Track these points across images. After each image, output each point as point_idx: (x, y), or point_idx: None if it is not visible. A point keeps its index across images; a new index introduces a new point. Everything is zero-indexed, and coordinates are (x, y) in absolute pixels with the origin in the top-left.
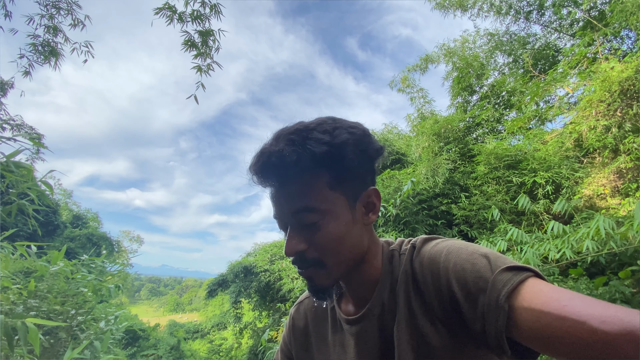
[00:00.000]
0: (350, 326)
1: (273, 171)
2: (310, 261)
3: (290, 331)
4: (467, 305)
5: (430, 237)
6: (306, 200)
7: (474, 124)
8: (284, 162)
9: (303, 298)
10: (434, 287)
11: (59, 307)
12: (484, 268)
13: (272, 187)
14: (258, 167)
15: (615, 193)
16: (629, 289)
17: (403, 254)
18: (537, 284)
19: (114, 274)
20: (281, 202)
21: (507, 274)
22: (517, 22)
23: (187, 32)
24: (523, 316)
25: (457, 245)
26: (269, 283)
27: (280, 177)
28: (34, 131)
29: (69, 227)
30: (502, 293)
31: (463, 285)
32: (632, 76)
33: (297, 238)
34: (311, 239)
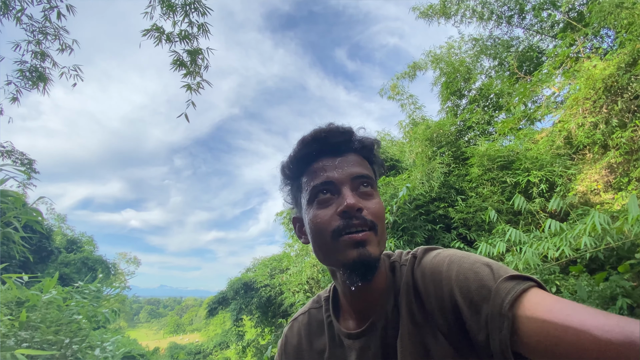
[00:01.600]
0: (352, 341)
1: (335, 139)
2: (369, 223)
3: (282, 350)
4: (470, 314)
5: (430, 247)
6: (365, 170)
7: (465, 127)
8: (346, 134)
9: (297, 315)
10: (436, 297)
11: (53, 336)
12: (486, 277)
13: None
14: (328, 131)
15: (608, 188)
16: (629, 283)
17: (404, 265)
18: (539, 294)
19: (111, 298)
20: (341, 166)
21: (510, 282)
22: (499, 26)
23: (175, 52)
24: (526, 325)
25: (458, 254)
26: (270, 298)
27: (341, 145)
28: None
29: (63, 252)
30: (506, 301)
31: (466, 294)
32: (614, 73)
33: (356, 197)
34: (365, 203)
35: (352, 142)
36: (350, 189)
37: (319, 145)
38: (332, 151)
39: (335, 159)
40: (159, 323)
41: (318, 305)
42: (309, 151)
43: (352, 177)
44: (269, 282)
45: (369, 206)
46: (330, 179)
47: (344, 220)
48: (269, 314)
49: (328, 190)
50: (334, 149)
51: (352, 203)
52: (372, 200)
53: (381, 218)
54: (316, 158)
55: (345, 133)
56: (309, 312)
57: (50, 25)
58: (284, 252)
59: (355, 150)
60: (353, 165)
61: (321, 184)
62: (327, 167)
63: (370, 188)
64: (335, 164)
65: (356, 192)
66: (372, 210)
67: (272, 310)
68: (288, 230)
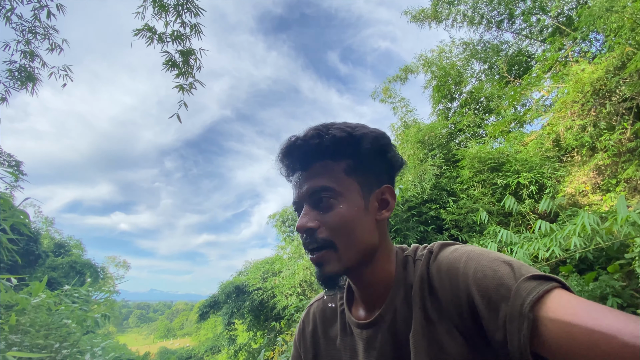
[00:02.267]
0: (360, 330)
1: (297, 153)
2: (321, 241)
3: (300, 335)
4: (488, 314)
5: (448, 242)
6: (323, 181)
7: (456, 130)
8: (307, 145)
9: (314, 301)
10: (452, 294)
11: (42, 340)
12: (506, 275)
13: (296, 172)
14: (284, 150)
15: (596, 189)
16: (619, 283)
17: (418, 260)
18: (563, 295)
19: (100, 302)
20: (301, 184)
21: (532, 282)
22: (489, 30)
23: (167, 52)
24: (548, 327)
25: (477, 251)
26: (263, 301)
27: (303, 159)
28: (12, 158)
29: (50, 255)
30: (527, 302)
31: (484, 292)
32: (602, 76)
33: (309, 215)
34: (323, 218)
35: (319, 148)
36: (309, 206)
37: (289, 161)
38: (301, 164)
39: (303, 172)
40: (149, 328)
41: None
42: (283, 167)
43: (309, 193)
44: (261, 285)
45: (327, 221)
46: (296, 199)
47: (303, 240)
48: (262, 318)
49: (297, 209)
50: (302, 162)
51: (299, 226)
52: (330, 214)
53: (343, 230)
54: (291, 172)
55: (309, 143)
56: (324, 298)
57: (40, 25)
58: (277, 254)
59: (325, 155)
60: (313, 178)
61: (293, 204)
62: (296, 184)
63: (330, 199)
64: (300, 180)
65: (317, 207)
66: (330, 225)
67: (265, 314)
68: (280, 232)
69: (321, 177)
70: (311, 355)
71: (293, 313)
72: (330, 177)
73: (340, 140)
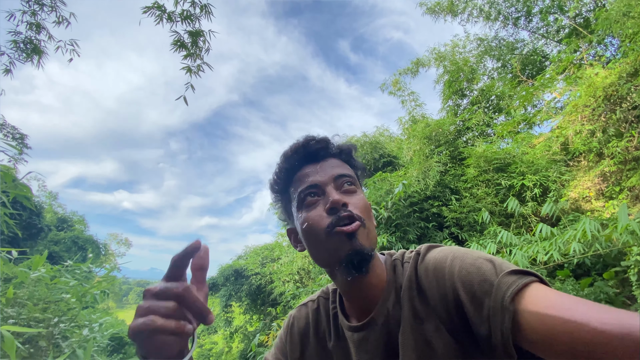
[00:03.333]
0: (352, 333)
1: (318, 145)
2: (356, 215)
3: (288, 330)
4: (473, 309)
5: (434, 244)
6: (347, 171)
7: (464, 128)
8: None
9: (307, 301)
10: (439, 292)
11: (40, 314)
12: (489, 272)
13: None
14: (305, 141)
15: (599, 196)
16: (613, 290)
17: (407, 262)
18: (541, 288)
19: (102, 280)
20: (322, 169)
21: (512, 277)
22: (505, 27)
23: (176, 32)
24: (527, 319)
25: (462, 251)
26: (260, 286)
27: (324, 151)
28: (16, 131)
29: (53, 230)
30: (507, 294)
31: (469, 288)
32: (615, 82)
33: (340, 195)
34: (350, 200)
35: (329, 148)
36: (334, 188)
37: (300, 155)
38: (313, 158)
39: (316, 164)
40: None
41: (327, 296)
42: (291, 162)
43: (335, 177)
44: (259, 270)
45: (354, 202)
46: (315, 182)
47: (333, 217)
48: (258, 302)
49: (314, 193)
50: (314, 156)
51: (337, 199)
52: (356, 197)
53: (367, 213)
54: (299, 167)
55: (321, 141)
56: (318, 299)
57: None
58: (276, 241)
59: (334, 155)
60: (334, 167)
61: (306, 188)
62: (310, 173)
63: (354, 186)
64: (317, 168)
65: (340, 191)
66: (358, 205)
67: (262, 299)
68: (281, 220)
69: (343, 168)
70: (298, 353)
71: (289, 299)
72: (349, 170)
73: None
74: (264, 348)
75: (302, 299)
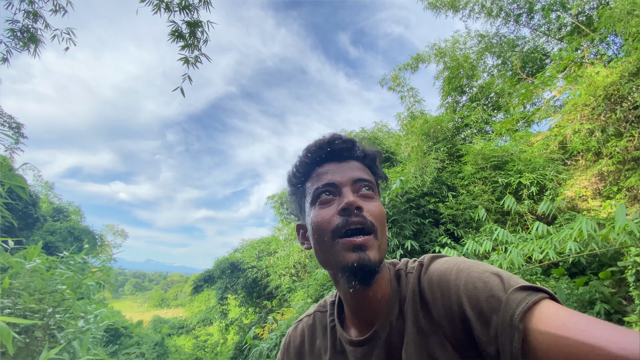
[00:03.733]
0: (354, 348)
1: (344, 144)
2: (370, 224)
3: (285, 349)
4: (479, 326)
5: (438, 255)
6: (368, 176)
7: (462, 125)
8: (354, 144)
9: (303, 317)
10: (444, 306)
11: (35, 304)
12: (496, 287)
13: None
14: (331, 139)
15: (596, 195)
16: (609, 290)
17: (410, 273)
18: (552, 306)
19: (96, 269)
20: (343, 170)
21: (521, 293)
22: (507, 24)
23: (174, 23)
24: (538, 339)
25: (467, 263)
26: (256, 279)
27: (347, 152)
28: (13, 120)
29: (49, 220)
30: (517, 312)
31: (475, 304)
32: (616, 81)
33: (356, 198)
34: (366, 206)
35: (354, 150)
36: (351, 190)
37: (323, 152)
38: (335, 157)
39: (338, 164)
40: (144, 296)
41: (324, 309)
42: (313, 158)
43: (354, 180)
44: (256, 263)
45: (369, 208)
46: (332, 181)
47: (344, 218)
48: (254, 295)
49: (330, 191)
50: (337, 155)
51: (351, 200)
52: (372, 203)
53: (382, 221)
54: (320, 164)
55: (347, 141)
56: (315, 314)
57: None
58: (273, 235)
59: (357, 158)
60: (355, 170)
61: (323, 186)
62: (330, 171)
63: (372, 192)
64: (337, 168)
65: (357, 194)
66: (373, 212)
67: (257, 291)
68: (278, 214)
69: (363, 172)
70: None
71: (285, 293)
72: (369, 175)
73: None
74: (259, 340)
75: (298, 292)
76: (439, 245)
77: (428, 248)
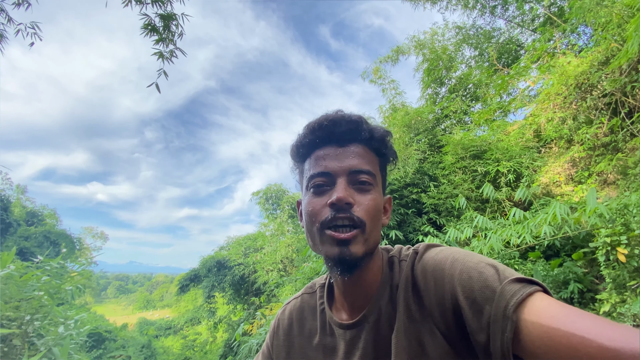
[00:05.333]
0: (343, 331)
1: (345, 126)
2: (357, 220)
3: (273, 332)
4: (472, 315)
5: (433, 244)
6: (367, 165)
7: (442, 116)
8: (357, 124)
9: (290, 299)
10: (437, 294)
11: (12, 312)
12: (491, 277)
13: (329, 145)
14: (334, 119)
15: (569, 180)
16: (581, 270)
17: (403, 260)
18: (545, 299)
19: (75, 274)
20: (339, 158)
21: (516, 285)
22: (483, 16)
23: (146, 15)
24: (530, 330)
25: (462, 253)
26: (244, 276)
27: (348, 134)
28: None
29: (23, 224)
30: (511, 304)
31: (469, 293)
32: (586, 71)
33: (348, 191)
34: (359, 199)
35: (359, 131)
36: (345, 182)
37: (324, 133)
38: (337, 140)
39: (338, 148)
40: (128, 299)
41: (312, 291)
42: (313, 138)
43: (350, 170)
44: (242, 260)
45: (362, 202)
46: (328, 170)
47: (332, 212)
48: (242, 292)
49: (323, 182)
50: (339, 138)
51: (341, 196)
52: (366, 196)
53: (374, 215)
54: (320, 145)
55: (352, 122)
56: (302, 297)
57: None
58: (259, 231)
59: (362, 141)
60: (354, 157)
61: (318, 174)
62: (327, 157)
63: (368, 184)
64: (336, 154)
65: (352, 187)
66: (365, 206)
67: (245, 288)
68: (264, 210)
69: (364, 160)
70: (284, 353)
71: (273, 288)
72: (371, 165)
73: (382, 138)
74: (248, 337)
75: (287, 287)
76: (422, 234)
77: (412, 237)
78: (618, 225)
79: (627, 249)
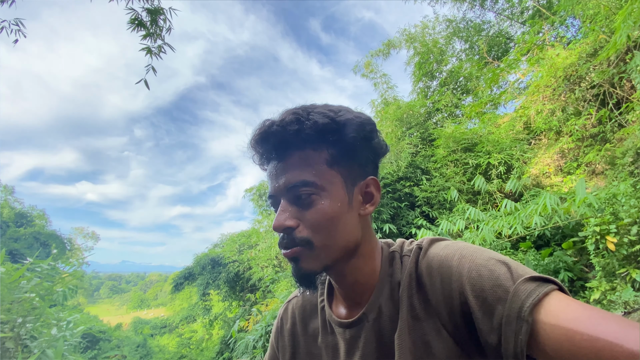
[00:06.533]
0: (343, 330)
1: (273, 141)
2: (299, 240)
3: (277, 332)
4: (482, 315)
5: (438, 238)
6: (303, 175)
7: (434, 109)
8: (285, 131)
9: (292, 297)
10: (443, 292)
11: (4, 315)
12: (503, 276)
13: (271, 161)
14: (258, 135)
15: (558, 171)
16: (571, 259)
17: (406, 256)
18: (563, 299)
19: (67, 274)
20: (277, 176)
21: (531, 284)
22: (472, 8)
23: (133, 10)
24: (548, 333)
25: (470, 248)
26: (238, 273)
27: (280, 147)
28: None
29: (12, 226)
30: (527, 305)
31: (479, 292)
32: (575, 62)
33: (288, 213)
34: (303, 215)
35: (299, 136)
36: (286, 203)
37: (261, 148)
38: (276, 153)
39: (278, 163)
40: (122, 299)
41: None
42: (254, 154)
43: (287, 188)
44: (237, 257)
45: (307, 219)
46: (272, 192)
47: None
48: (237, 289)
49: (274, 204)
50: (277, 149)
51: (276, 225)
52: (310, 211)
53: (324, 226)
54: (264, 162)
55: (287, 129)
56: (303, 295)
57: None
58: (253, 228)
59: (304, 143)
60: (292, 170)
61: (268, 196)
62: (271, 176)
63: (310, 195)
64: (276, 171)
65: (294, 204)
66: (309, 223)
67: (240, 285)
68: (257, 206)
69: (301, 170)
70: (289, 353)
71: (269, 284)
72: (311, 169)
73: (322, 127)
74: (244, 333)
75: (282, 282)
76: (415, 227)
77: (405, 230)
78: (607, 215)
79: (616, 238)
